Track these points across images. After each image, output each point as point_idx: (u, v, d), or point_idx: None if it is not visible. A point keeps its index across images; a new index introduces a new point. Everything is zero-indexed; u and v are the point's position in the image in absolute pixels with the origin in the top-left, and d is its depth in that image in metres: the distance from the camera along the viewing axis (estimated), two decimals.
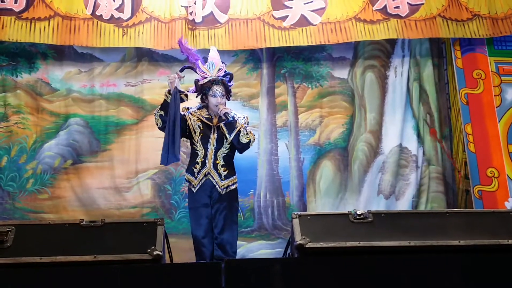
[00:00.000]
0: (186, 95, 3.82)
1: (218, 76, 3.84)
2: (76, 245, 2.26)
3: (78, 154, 4.89)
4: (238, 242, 4.77)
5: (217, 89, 3.79)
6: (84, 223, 2.36)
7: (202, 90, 3.85)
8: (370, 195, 5.00)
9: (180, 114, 3.72)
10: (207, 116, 3.83)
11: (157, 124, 3.79)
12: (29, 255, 2.19)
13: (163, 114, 3.71)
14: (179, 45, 4.07)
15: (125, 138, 4.95)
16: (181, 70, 4.07)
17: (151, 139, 4.88)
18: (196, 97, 3.95)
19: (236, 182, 3.80)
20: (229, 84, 3.91)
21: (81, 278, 2.17)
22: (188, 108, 3.90)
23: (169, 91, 3.70)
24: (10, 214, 4.69)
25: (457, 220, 2.48)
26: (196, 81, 3.86)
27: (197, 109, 3.89)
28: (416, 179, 5.06)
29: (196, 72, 3.90)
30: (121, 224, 2.45)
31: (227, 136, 3.73)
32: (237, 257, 4.54)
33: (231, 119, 3.71)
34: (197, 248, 3.73)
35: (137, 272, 2.20)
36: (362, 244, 2.33)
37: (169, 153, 3.62)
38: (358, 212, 2.47)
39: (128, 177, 4.88)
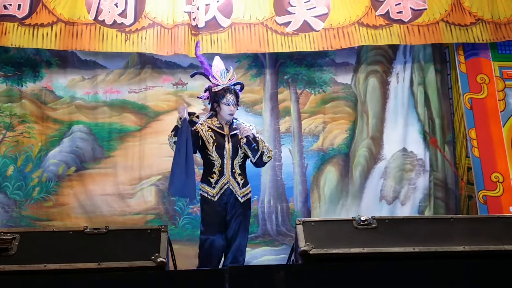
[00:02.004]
0: (198, 116, 3.82)
1: (231, 85, 3.85)
2: (80, 252, 2.26)
3: (82, 161, 4.91)
4: None
5: (231, 98, 3.79)
6: (88, 230, 2.36)
7: (215, 97, 3.83)
8: (371, 200, 5.00)
9: (191, 130, 3.68)
10: (218, 125, 3.81)
11: (172, 150, 3.71)
12: (33, 262, 2.19)
13: (177, 140, 3.67)
14: (195, 48, 4.08)
15: (128, 144, 4.96)
16: (192, 76, 4.11)
17: (155, 145, 4.90)
18: (208, 103, 3.95)
19: (251, 191, 3.81)
20: (239, 93, 3.93)
21: (85, 285, 2.17)
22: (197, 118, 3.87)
23: (181, 118, 3.67)
24: (16, 222, 4.71)
25: (462, 226, 2.47)
26: (209, 88, 3.86)
27: (207, 118, 3.88)
28: (424, 184, 5.06)
29: (208, 79, 3.89)
30: (125, 231, 2.45)
31: (252, 158, 3.76)
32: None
33: (254, 144, 3.69)
34: (204, 253, 3.66)
35: (141, 279, 2.19)
36: (366, 250, 2.32)
37: (185, 188, 3.60)
38: (362, 218, 2.46)
39: (131, 184, 4.89)
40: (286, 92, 5.18)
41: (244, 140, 3.73)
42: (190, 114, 3.71)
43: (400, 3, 4.86)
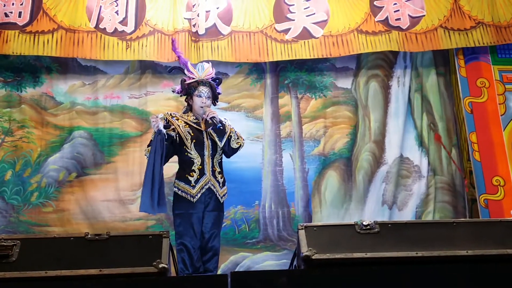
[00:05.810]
0: (173, 129, 3.63)
1: (207, 78, 3.72)
2: (82, 259, 2.25)
3: (83, 166, 4.90)
4: (244, 254, 4.75)
5: (203, 90, 3.67)
6: (89, 236, 2.34)
7: (188, 90, 3.72)
8: (374, 205, 4.99)
9: (166, 133, 3.52)
10: (195, 121, 3.67)
11: None
12: (34, 269, 2.17)
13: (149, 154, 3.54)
14: (172, 43, 4.00)
15: (129, 150, 4.96)
16: (170, 71, 4.05)
17: None
18: (181, 96, 3.87)
19: (227, 191, 3.68)
20: (217, 88, 3.79)
21: None
22: (171, 114, 3.72)
23: (155, 132, 3.53)
24: (14, 227, 4.69)
25: (464, 230, 2.46)
26: (183, 80, 3.74)
27: (183, 113, 3.75)
28: (419, 189, 5.04)
29: (184, 73, 3.79)
30: (126, 237, 2.43)
31: (218, 142, 3.58)
32: (243, 269, 4.55)
33: (219, 124, 3.55)
34: (186, 258, 3.47)
35: (142, 285, 2.18)
36: (369, 255, 2.30)
37: (158, 203, 3.45)
38: (364, 223, 2.44)
39: (132, 189, 4.87)
40: (287, 96, 5.18)
41: (210, 122, 3.54)
42: (165, 127, 3.54)
43: (398, 10, 4.88)
